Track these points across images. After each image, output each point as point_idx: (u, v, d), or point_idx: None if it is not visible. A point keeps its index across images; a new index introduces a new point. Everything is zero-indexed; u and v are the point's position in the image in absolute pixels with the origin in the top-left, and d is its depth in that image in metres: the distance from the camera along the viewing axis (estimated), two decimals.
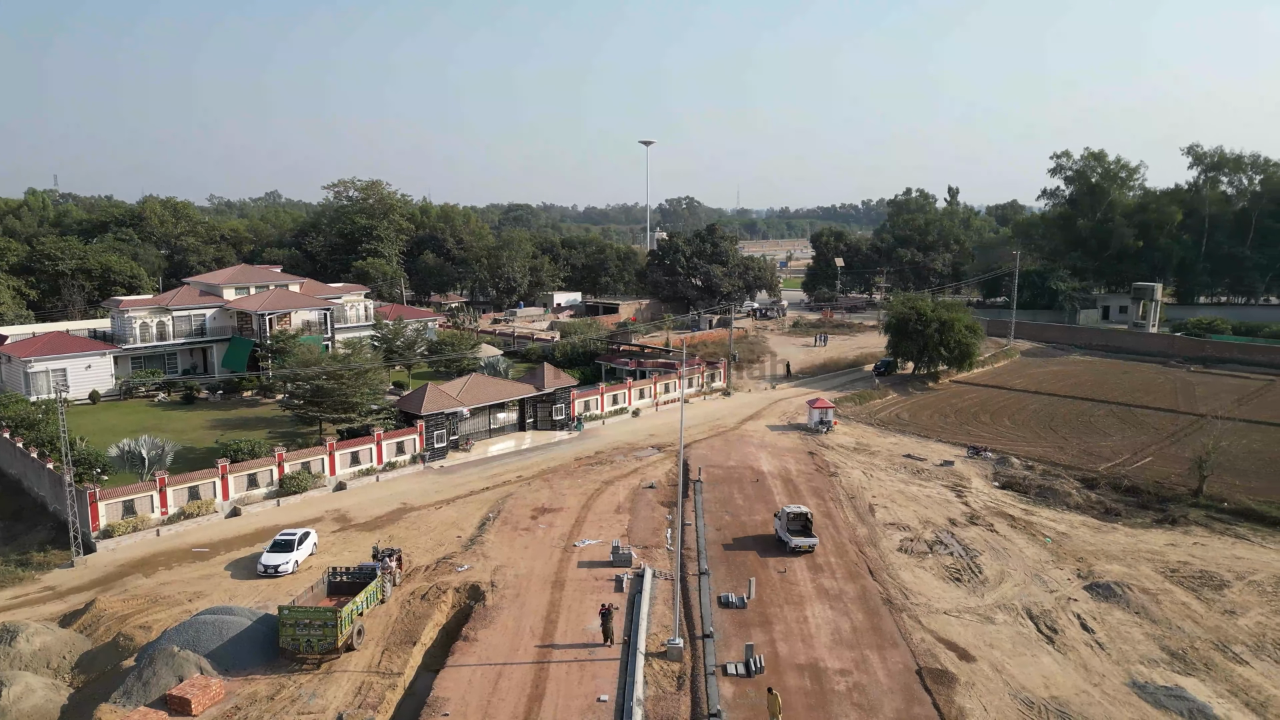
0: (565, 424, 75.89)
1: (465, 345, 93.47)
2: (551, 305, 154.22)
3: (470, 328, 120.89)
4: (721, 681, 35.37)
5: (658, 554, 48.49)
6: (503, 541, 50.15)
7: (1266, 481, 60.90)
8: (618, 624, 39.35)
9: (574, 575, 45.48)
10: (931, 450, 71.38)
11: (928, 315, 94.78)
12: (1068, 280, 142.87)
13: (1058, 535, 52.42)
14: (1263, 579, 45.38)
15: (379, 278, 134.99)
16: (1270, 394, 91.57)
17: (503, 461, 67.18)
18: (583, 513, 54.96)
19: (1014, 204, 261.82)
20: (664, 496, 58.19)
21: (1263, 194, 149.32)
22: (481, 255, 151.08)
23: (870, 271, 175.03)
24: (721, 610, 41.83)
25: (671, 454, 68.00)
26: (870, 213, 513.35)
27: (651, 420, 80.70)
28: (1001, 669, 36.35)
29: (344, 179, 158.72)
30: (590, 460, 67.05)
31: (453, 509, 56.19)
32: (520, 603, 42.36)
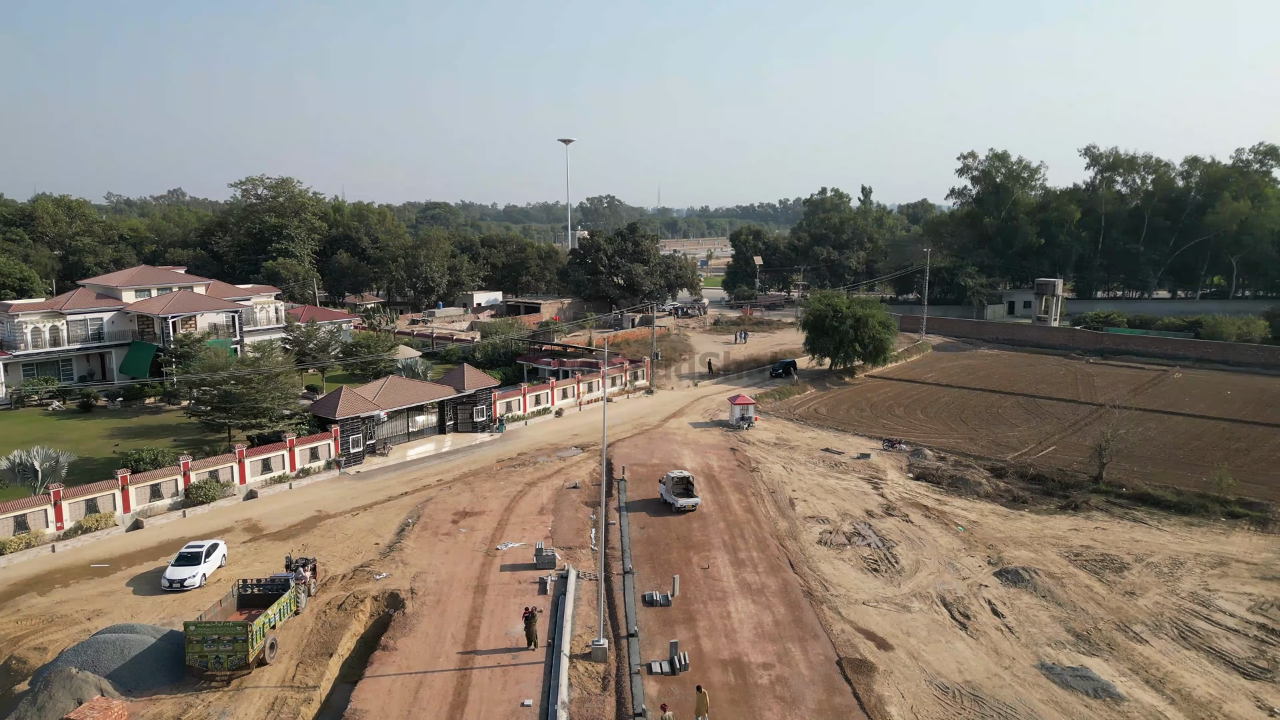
0: (487, 426, 74.89)
1: (382, 347, 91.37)
2: (471, 305, 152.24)
3: (387, 329, 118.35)
4: (647, 681, 35.36)
5: (582, 555, 48.22)
6: (423, 547, 49.12)
7: (1161, 467, 64.17)
8: (541, 627, 38.96)
9: (497, 579, 44.85)
10: (849, 444, 72.92)
11: (843, 312, 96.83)
12: (975, 276, 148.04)
13: (969, 524, 54.15)
14: (1159, 560, 47.74)
15: (290, 278, 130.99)
16: (1163, 383, 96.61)
17: (422, 465, 65.87)
18: (505, 515, 54.29)
19: (924, 203, 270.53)
20: (588, 496, 57.94)
21: (1154, 193, 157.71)
22: (398, 254, 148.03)
23: (788, 269, 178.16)
24: (646, 609, 41.84)
25: (595, 453, 67.80)
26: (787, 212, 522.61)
27: (575, 420, 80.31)
28: (918, 656, 37.32)
29: (252, 176, 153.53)
30: (513, 462, 66.32)
31: (370, 515, 54.80)
32: (441, 609, 41.54)
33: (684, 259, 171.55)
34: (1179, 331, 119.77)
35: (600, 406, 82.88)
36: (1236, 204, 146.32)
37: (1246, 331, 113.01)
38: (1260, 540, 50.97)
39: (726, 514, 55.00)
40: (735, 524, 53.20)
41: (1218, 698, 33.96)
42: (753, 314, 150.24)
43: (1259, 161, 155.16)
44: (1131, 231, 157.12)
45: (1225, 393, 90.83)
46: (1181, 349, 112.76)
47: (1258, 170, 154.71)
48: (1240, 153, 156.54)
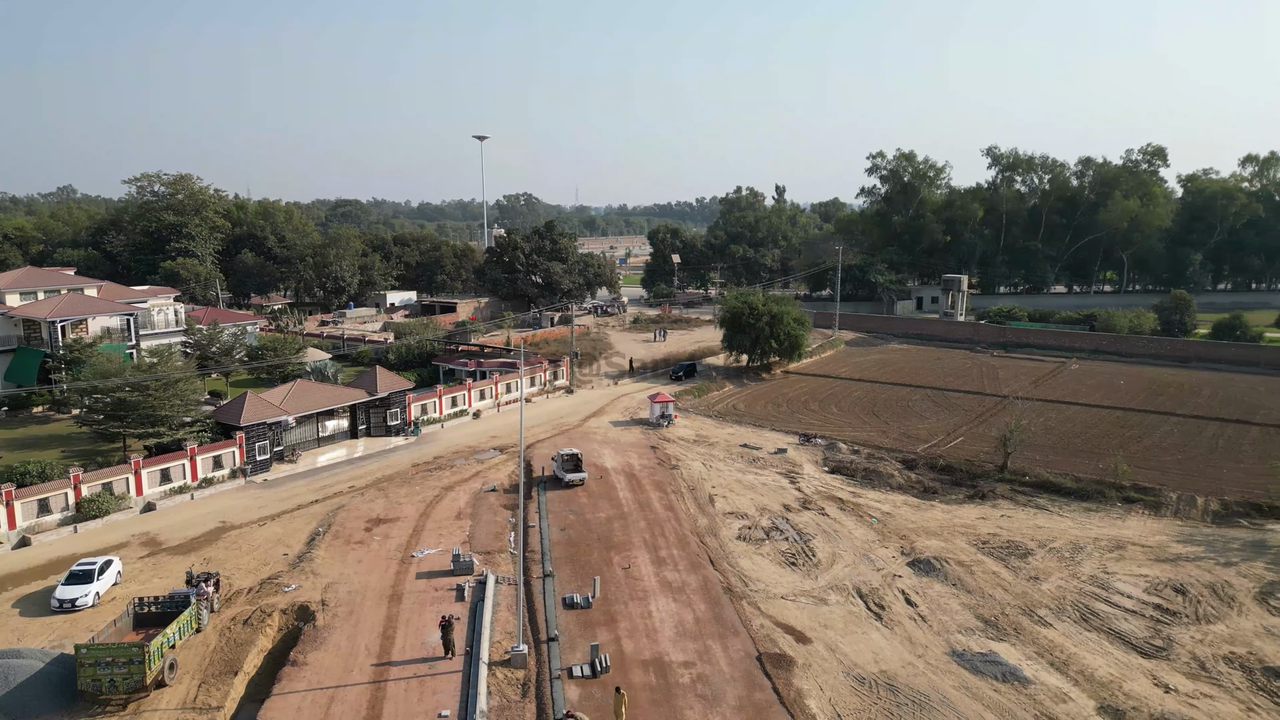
0: (401, 429, 73.08)
1: (289, 350, 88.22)
2: (384, 305, 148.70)
3: (295, 331, 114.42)
4: (567, 685, 34.92)
5: (501, 559, 47.42)
6: (334, 557, 47.52)
7: (1061, 456, 66.89)
8: (459, 635, 38.10)
9: (412, 587, 43.70)
10: (766, 439, 73.79)
11: (759, 309, 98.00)
12: (885, 273, 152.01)
13: (883, 515, 55.36)
14: (1060, 545, 49.67)
15: (191, 279, 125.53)
16: (1061, 375, 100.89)
17: (333, 471, 63.82)
18: (421, 521, 52.99)
19: (836, 201, 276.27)
20: (507, 499, 57.06)
21: (1051, 192, 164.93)
22: (306, 254, 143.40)
23: (706, 267, 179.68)
24: (567, 611, 41.37)
25: (514, 455, 66.89)
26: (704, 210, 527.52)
27: (493, 421, 79.11)
28: (835, 648, 37.88)
29: (148, 173, 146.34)
30: (429, 466, 64.86)
31: (278, 525, 52.75)
32: (354, 620, 40.22)
33: (603, 257, 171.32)
34: (1075, 325, 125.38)
35: (519, 407, 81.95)
36: (1127, 202, 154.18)
37: (1137, 324, 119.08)
38: (1154, 524, 53.57)
39: (647, 512, 54.92)
40: (656, 522, 53.15)
41: (1118, 677, 35.45)
42: (671, 312, 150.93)
43: (1147, 162, 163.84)
44: (1031, 229, 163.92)
45: (1119, 383, 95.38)
46: (1078, 341, 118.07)
47: (1146, 170, 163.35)
48: (1130, 153, 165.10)
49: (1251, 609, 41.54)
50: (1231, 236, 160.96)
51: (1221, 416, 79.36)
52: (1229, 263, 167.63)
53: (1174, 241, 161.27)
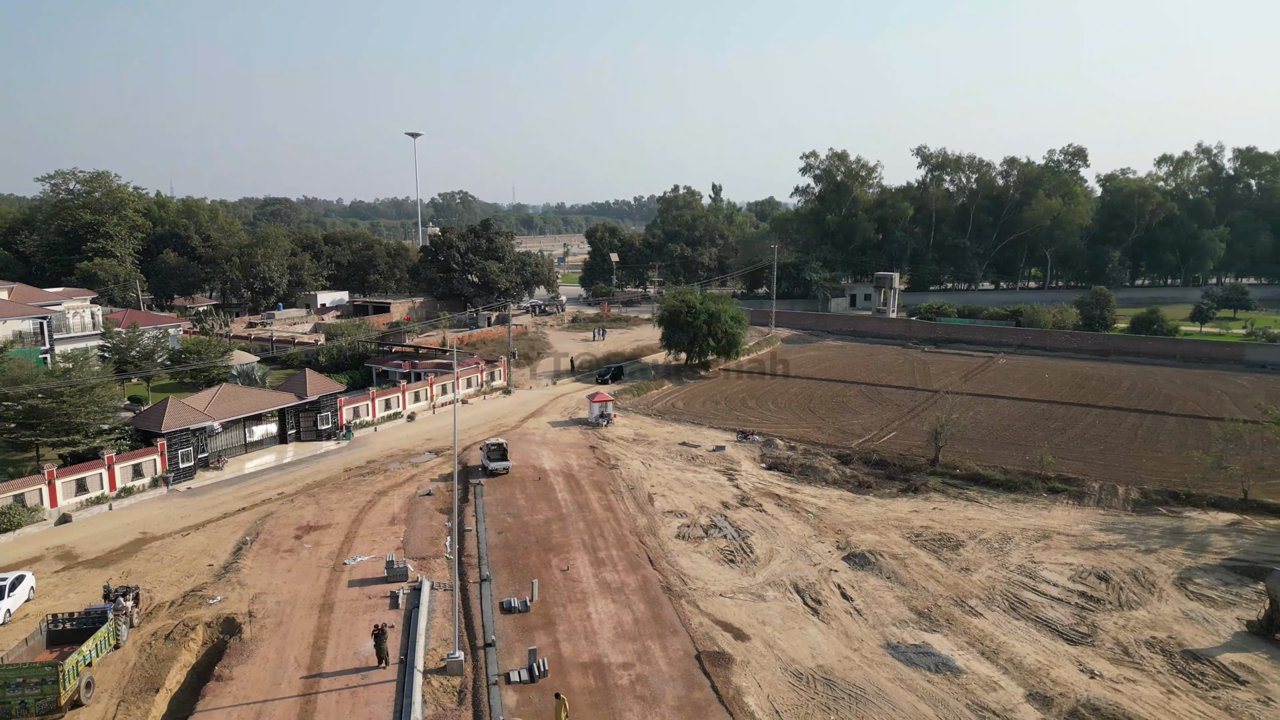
0: (332, 433, 71.32)
1: (215, 353, 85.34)
2: (315, 306, 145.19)
3: (221, 333, 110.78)
4: (505, 691, 34.38)
5: (436, 564, 46.52)
6: (262, 566, 46.06)
7: (990, 448, 68.58)
8: (393, 643, 37.22)
9: (344, 596, 42.58)
10: (705, 437, 74.06)
11: (697, 308, 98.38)
12: (820, 271, 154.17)
13: (819, 510, 55.98)
14: (990, 536, 50.87)
15: (109, 280, 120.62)
16: (990, 369, 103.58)
17: (262, 478, 61.92)
18: (353, 527, 51.72)
19: (772, 200, 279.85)
20: (442, 503, 56.09)
21: (978, 191, 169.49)
22: (233, 253, 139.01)
23: (644, 266, 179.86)
24: (504, 616, 40.77)
25: (450, 458, 65.82)
26: (642, 209, 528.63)
27: (429, 424, 77.74)
28: (773, 645, 38.08)
29: (63, 170, 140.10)
30: (361, 470, 63.40)
31: (203, 535, 50.92)
32: (283, 632, 38.99)
33: (540, 256, 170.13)
34: (1002, 320, 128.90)
35: (459, 408, 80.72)
36: (1050, 201, 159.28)
37: (1060, 319, 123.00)
38: (1078, 513, 55.26)
39: (586, 513, 54.55)
40: (595, 523, 52.82)
41: (1045, 664, 36.37)
42: (611, 311, 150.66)
43: (1068, 162, 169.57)
44: (959, 227, 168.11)
45: (1043, 376, 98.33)
46: (1005, 336, 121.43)
47: (1067, 170, 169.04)
48: (1052, 154, 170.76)
49: (1171, 594, 43.09)
50: (1148, 234, 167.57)
51: (1140, 408, 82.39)
52: (1146, 259, 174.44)
53: (1094, 239, 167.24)
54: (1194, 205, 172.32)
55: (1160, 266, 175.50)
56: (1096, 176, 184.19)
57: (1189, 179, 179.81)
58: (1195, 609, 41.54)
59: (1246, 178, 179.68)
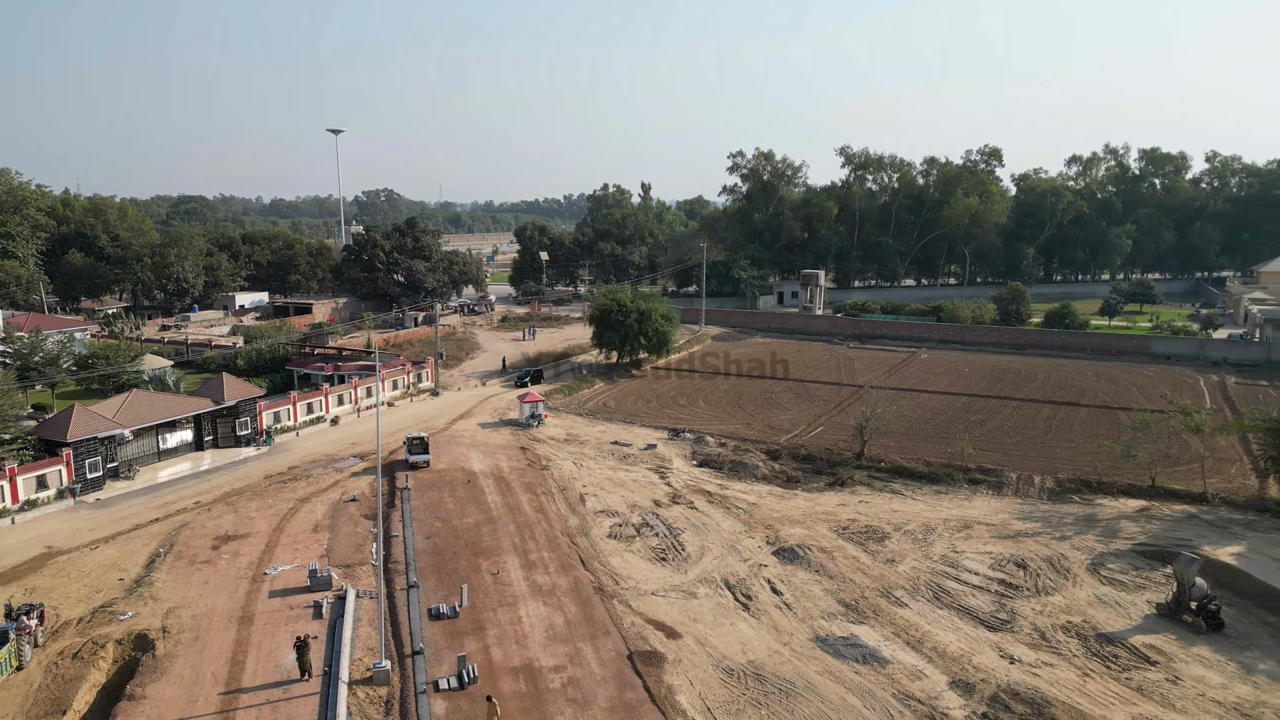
0: (252, 439, 69.01)
1: (125, 357, 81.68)
2: (233, 307, 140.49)
3: (132, 336, 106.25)
4: (434, 699, 33.70)
5: (362, 572, 45.40)
6: (177, 579, 44.26)
7: (913, 441, 70.22)
8: (316, 655, 36.17)
9: (265, 607, 41.19)
10: (637, 435, 74.05)
11: (628, 306, 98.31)
12: (748, 270, 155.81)
13: (749, 506, 56.47)
14: (914, 528, 52.03)
15: (10, 282, 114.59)
16: (912, 364, 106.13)
17: (177, 487, 59.53)
18: (274, 536, 50.10)
19: (700, 199, 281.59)
20: (368, 509, 54.76)
21: (900, 190, 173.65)
22: (144, 254, 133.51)
23: (574, 264, 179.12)
24: (433, 622, 40.00)
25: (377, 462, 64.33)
26: (572, 207, 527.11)
27: (353, 428, 75.86)
28: (705, 642, 38.21)
29: None
30: (283, 477, 61.49)
31: (113, 548, 48.68)
32: (200, 646, 37.52)
33: (469, 255, 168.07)
34: (924, 316, 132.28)
35: (384, 411, 78.98)
36: (967, 200, 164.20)
37: (979, 315, 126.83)
38: (997, 503, 56.97)
39: (517, 515, 53.94)
40: (526, 525, 52.27)
41: (968, 651, 37.34)
42: (541, 310, 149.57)
43: (985, 162, 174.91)
44: (882, 225, 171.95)
45: (963, 370, 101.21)
46: (927, 332, 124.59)
47: (984, 170, 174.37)
48: (969, 154, 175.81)
49: (1085, 579, 44.71)
50: (1060, 231, 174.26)
51: (1054, 400, 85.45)
52: (1058, 256, 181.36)
53: (1010, 236, 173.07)
54: (1102, 204, 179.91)
55: (1072, 263, 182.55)
56: (1011, 176, 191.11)
57: (1097, 178, 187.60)
58: (1108, 593, 43.18)
59: (1151, 177, 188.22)
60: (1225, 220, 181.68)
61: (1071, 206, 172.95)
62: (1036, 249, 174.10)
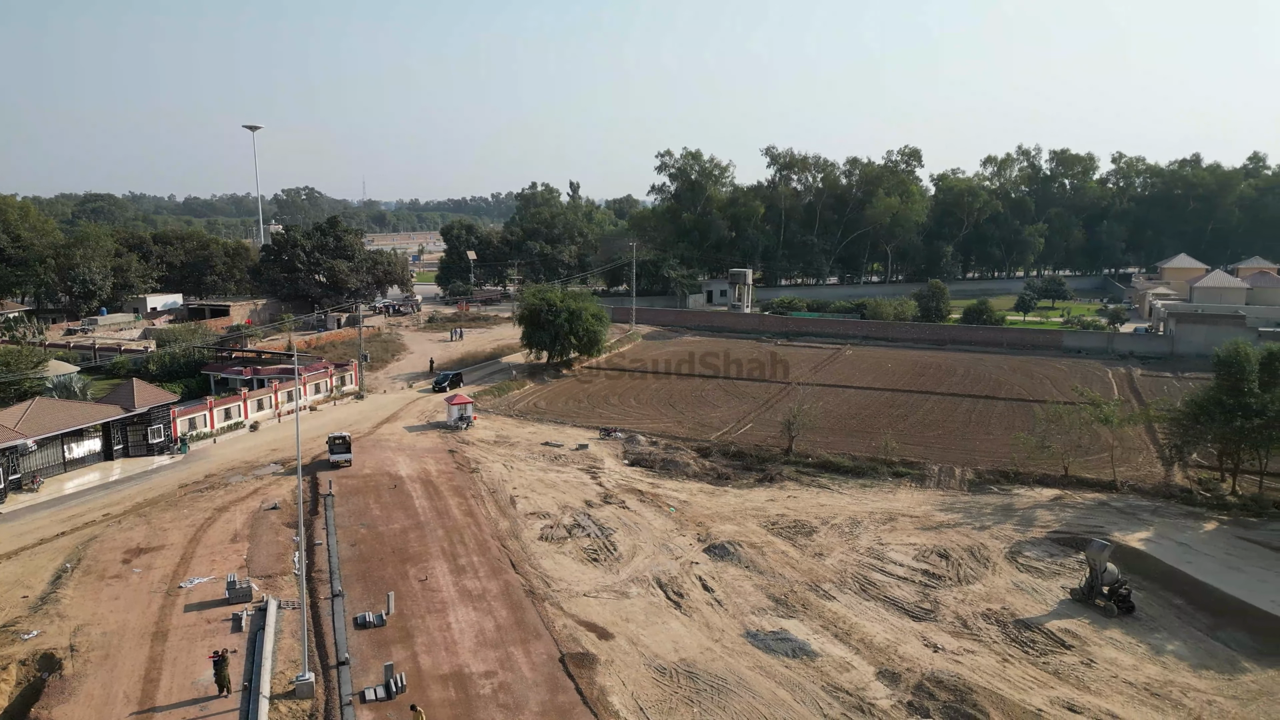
0: (165, 447, 66.35)
1: (27, 363, 77.62)
2: (144, 310, 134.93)
3: (35, 341, 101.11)
4: (360, 710, 32.86)
5: (284, 582, 44.02)
6: (85, 595, 42.21)
7: (839, 436, 71.53)
8: (235, 670, 34.89)
9: (180, 622, 39.59)
10: (568, 436, 73.65)
11: (558, 306, 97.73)
12: (678, 268, 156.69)
13: (680, 504, 56.70)
14: (841, 521, 52.97)
15: None
16: (838, 360, 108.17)
17: (84, 499, 56.80)
18: (190, 548, 48.21)
19: (629, 198, 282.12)
20: (290, 517, 53.12)
21: (824, 190, 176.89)
22: (47, 254, 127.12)
23: (503, 264, 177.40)
24: (359, 632, 39.01)
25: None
26: (500, 205, 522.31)
27: (274, 433, 73.58)
28: (637, 641, 38.17)
29: None
30: (199, 486, 59.24)
31: (16, 564, 46.17)
32: (110, 665, 35.83)
33: (394, 254, 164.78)
34: (848, 313, 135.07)
35: (303, 416, 76.82)
36: (889, 200, 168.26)
37: (901, 311, 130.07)
38: (920, 495, 58.42)
39: (445, 520, 53.05)
40: (455, 529, 51.44)
41: (894, 642, 38.14)
42: (469, 310, 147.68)
43: (905, 162, 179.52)
44: (807, 224, 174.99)
45: (887, 366, 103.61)
46: (851, 329, 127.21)
47: (904, 170, 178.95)
48: (890, 154, 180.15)
49: (1004, 568, 46.17)
50: (977, 230, 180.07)
51: (973, 393, 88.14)
52: (975, 254, 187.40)
53: (930, 235, 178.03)
54: (1016, 203, 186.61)
55: (988, 260, 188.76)
56: (930, 176, 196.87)
57: (1011, 179, 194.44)
58: (1025, 580, 44.66)
59: (1061, 177, 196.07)
60: (1130, 219, 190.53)
61: (988, 206, 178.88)
62: (955, 247, 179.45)
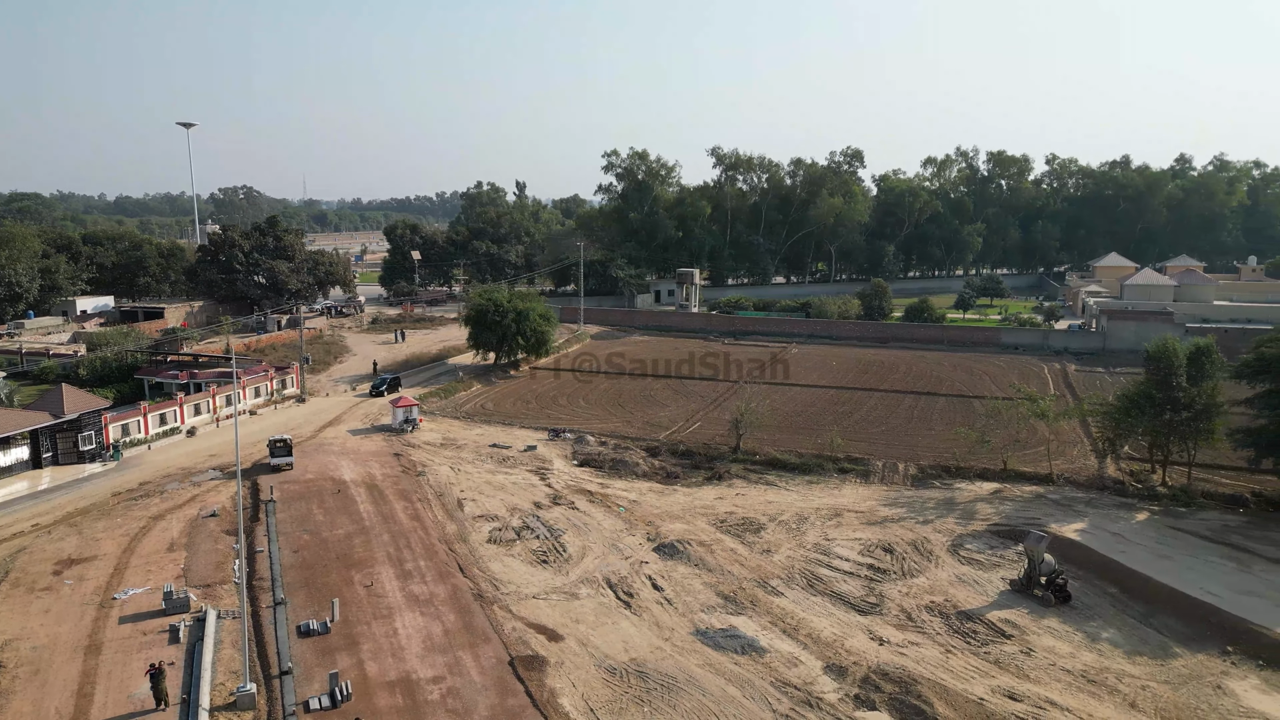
0: (98, 454, 64.21)
1: None
2: (74, 313, 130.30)
3: None
4: None
5: (224, 591, 42.90)
6: (14, 609, 40.65)
7: (786, 434, 72.29)
8: (174, 682, 33.94)
9: (115, 635, 38.35)
10: (516, 437, 73.15)
11: (505, 306, 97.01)
12: (625, 268, 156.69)
13: (630, 504, 56.71)
14: (788, 518, 53.53)
15: None
16: (784, 358, 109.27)
17: (12, 509, 54.65)
18: (125, 557, 46.72)
19: (576, 198, 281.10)
20: (229, 524, 51.77)
21: (769, 190, 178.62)
22: None
23: (449, 264, 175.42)
24: (302, 640, 38.21)
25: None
26: (445, 205, 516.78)
27: (212, 438, 71.68)
28: (587, 642, 38.07)
29: None
30: (134, 493, 57.45)
31: None
32: (41, 680, 34.55)
33: (336, 255, 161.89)
34: (794, 312, 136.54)
35: (243, 420, 74.96)
36: (832, 200, 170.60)
37: (845, 310, 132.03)
38: (865, 490, 59.35)
39: (391, 524, 52.27)
40: (401, 534, 50.72)
41: (840, 636, 38.68)
42: (414, 310, 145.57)
43: (848, 163, 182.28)
44: (752, 224, 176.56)
45: (831, 364, 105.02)
46: (797, 327, 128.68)
47: (847, 170, 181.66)
48: (833, 155, 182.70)
49: (946, 560, 47.15)
50: (917, 230, 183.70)
51: (915, 390, 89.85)
52: (916, 253, 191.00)
53: (872, 235, 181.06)
54: (955, 203, 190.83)
55: (928, 259, 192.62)
56: (872, 177, 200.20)
57: (950, 179, 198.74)
58: (967, 573, 45.67)
59: (998, 178, 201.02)
60: (1064, 219, 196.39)
61: (928, 206, 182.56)
62: (897, 246, 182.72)
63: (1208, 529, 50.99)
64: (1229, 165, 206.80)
